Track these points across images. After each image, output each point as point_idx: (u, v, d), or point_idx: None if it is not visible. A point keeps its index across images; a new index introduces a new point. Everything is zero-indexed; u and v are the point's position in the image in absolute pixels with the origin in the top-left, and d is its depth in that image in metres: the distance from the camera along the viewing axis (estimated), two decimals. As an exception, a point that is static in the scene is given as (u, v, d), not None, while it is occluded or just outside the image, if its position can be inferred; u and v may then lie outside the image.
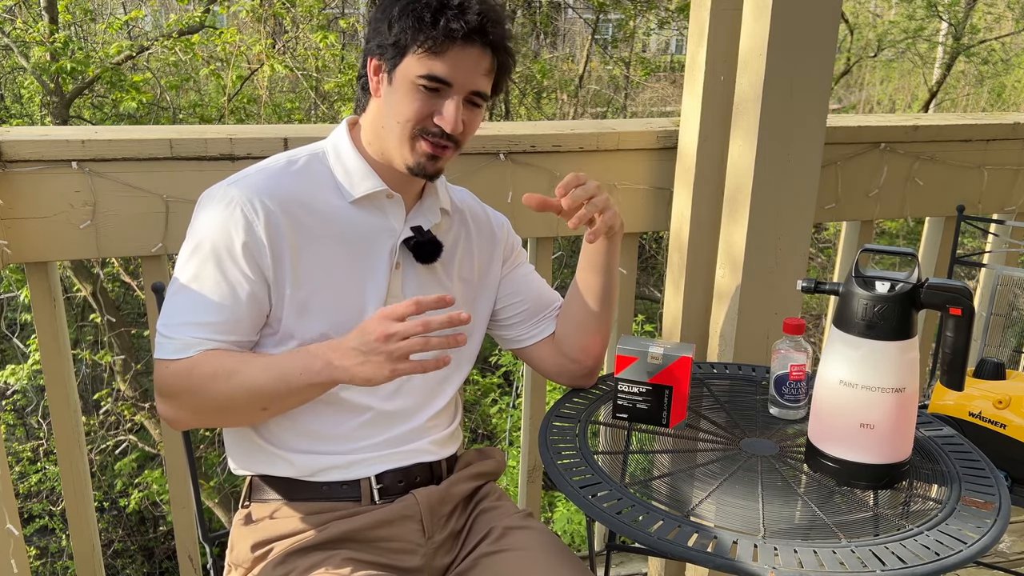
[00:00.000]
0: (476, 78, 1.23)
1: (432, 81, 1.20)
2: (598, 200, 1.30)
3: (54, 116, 6.43)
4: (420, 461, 1.34)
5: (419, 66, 1.20)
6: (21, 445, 6.11)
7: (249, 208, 1.21)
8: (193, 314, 1.20)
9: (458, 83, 1.21)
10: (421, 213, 1.35)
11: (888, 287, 1.18)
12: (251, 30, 7.56)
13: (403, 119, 1.22)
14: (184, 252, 1.24)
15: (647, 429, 1.40)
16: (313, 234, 1.25)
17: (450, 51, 1.19)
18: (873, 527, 1.14)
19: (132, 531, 6.56)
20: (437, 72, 1.20)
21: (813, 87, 1.70)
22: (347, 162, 1.29)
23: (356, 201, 1.28)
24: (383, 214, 1.31)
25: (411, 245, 1.31)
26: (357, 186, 1.28)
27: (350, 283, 1.28)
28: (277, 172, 1.27)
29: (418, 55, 1.19)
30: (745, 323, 1.82)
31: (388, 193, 1.30)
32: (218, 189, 1.24)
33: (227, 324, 1.21)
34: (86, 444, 1.84)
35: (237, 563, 1.31)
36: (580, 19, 10.35)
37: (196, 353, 1.19)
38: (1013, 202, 2.24)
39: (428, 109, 1.22)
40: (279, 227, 1.22)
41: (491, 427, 6.54)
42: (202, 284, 1.21)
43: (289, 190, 1.25)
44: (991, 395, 1.58)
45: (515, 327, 1.48)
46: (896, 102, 13.34)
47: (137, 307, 7.00)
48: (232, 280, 1.21)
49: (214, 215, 1.22)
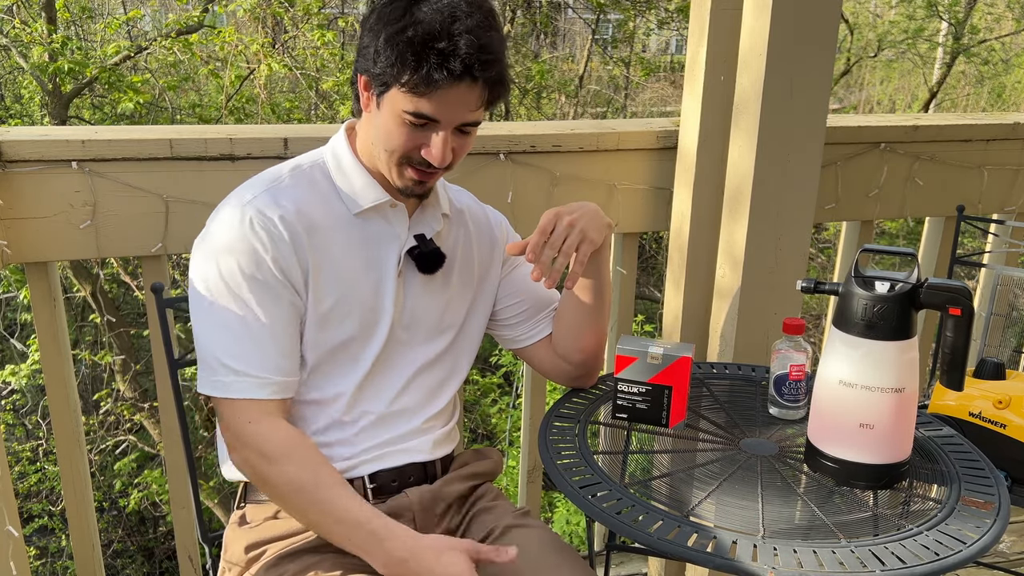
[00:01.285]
0: (465, 113, 1.18)
1: (418, 118, 1.17)
2: (568, 243, 1.27)
3: (53, 116, 6.42)
4: (413, 461, 1.34)
5: (405, 101, 1.16)
6: (20, 445, 6.11)
7: (271, 225, 1.20)
8: (240, 341, 1.19)
9: (446, 119, 1.18)
10: (424, 220, 1.34)
11: (888, 287, 1.18)
12: (250, 29, 7.56)
13: (390, 149, 1.21)
14: (208, 275, 1.20)
15: (647, 429, 1.40)
16: (326, 246, 1.25)
17: (436, 92, 1.14)
18: (873, 527, 1.14)
19: (132, 531, 6.56)
20: (423, 110, 1.16)
21: (813, 87, 1.70)
22: (349, 173, 1.28)
23: (361, 212, 1.28)
24: (388, 222, 1.31)
25: (414, 256, 1.31)
26: (361, 198, 1.27)
27: (366, 293, 1.28)
28: (288, 185, 1.25)
29: (404, 92, 1.15)
30: (745, 323, 1.82)
31: (392, 203, 1.30)
32: (232, 207, 1.22)
33: (276, 344, 1.20)
34: (86, 444, 1.84)
35: (232, 563, 1.31)
36: (580, 19, 10.35)
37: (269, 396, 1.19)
38: (1013, 202, 2.24)
39: (415, 142, 1.19)
40: (300, 243, 1.22)
41: (491, 427, 6.54)
42: (242, 303, 1.19)
43: (301, 203, 1.24)
44: (991, 395, 1.58)
45: (515, 327, 1.48)
46: (896, 102, 13.34)
47: (137, 307, 7.00)
48: (268, 295, 1.20)
49: (234, 235, 1.19)
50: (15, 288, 5.74)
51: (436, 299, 1.36)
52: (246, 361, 1.19)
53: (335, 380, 1.29)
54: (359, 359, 1.29)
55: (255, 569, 1.27)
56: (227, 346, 1.19)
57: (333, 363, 1.28)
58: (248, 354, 1.19)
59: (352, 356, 1.29)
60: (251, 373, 1.19)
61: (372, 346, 1.30)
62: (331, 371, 1.29)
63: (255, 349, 1.19)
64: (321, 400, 1.29)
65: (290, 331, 1.23)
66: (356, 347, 1.29)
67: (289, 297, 1.22)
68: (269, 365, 1.20)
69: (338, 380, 1.29)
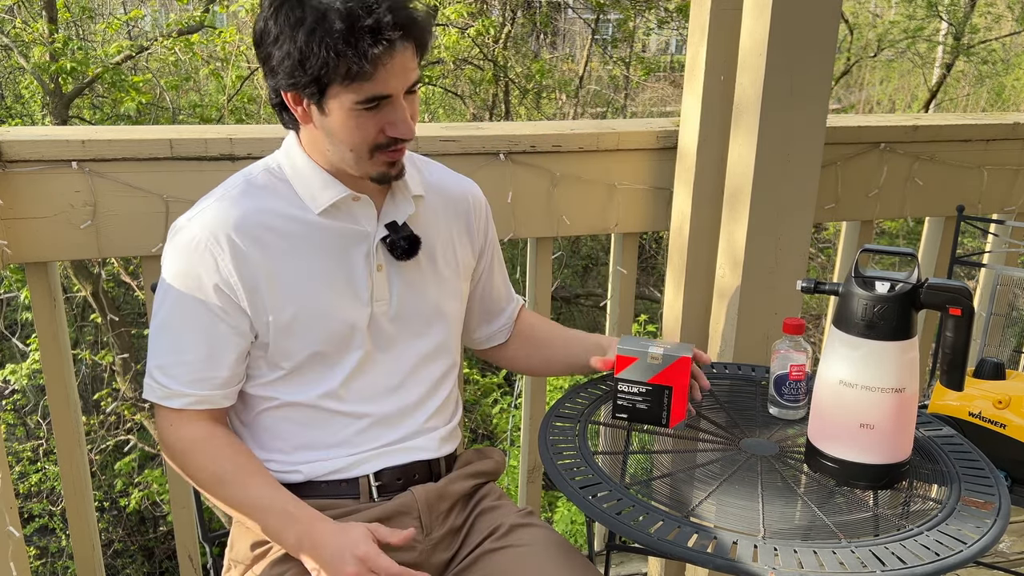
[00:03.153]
0: (410, 75, 1.17)
1: (372, 102, 1.15)
2: None
3: (53, 116, 6.42)
4: (418, 459, 1.34)
5: (352, 94, 1.13)
6: (21, 445, 6.11)
7: (215, 245, 1.20)
8: (175, 353, 1.24)
9: (396, 90, 1.16)
10: (394, 207, 1.30)
11: (888, 287, 1.18)
12: (251, 29, 7.55)
13: (354, 145, 1.19)
14: (160, 288, 1.25)
15: (647, 429, 1.40)
16: (285, 253, 1.24)
17: (379, 70, 1.12)
18: (873, 527, 1.14)
19: (132, 531, 6.55)
20: (375, 92, 1.14)
21: (813, 87, 1.70)
22: (304, 174, 1.26)
23: (323, 212, 1.25)
24: (352, 218, 1.28)
25: (389, 244, 1.28)
26: (319, 197, 1.25)
27: (331, 295, 1.27)
28: (237, 197, 1.24)
29: (345, 85, 1.12)
30: (745, 323, 1.82)
31: (354, 196, 1.27)
32: (182, 227, 1.24)
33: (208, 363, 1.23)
34: (86, 444, 1.84)
35: (237, 561, 1.31)
36: (580, 19, 10.35)
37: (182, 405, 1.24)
38: (1013, 202, 2.24)
39: (376, 127, 1.18)
40: (248, 258, 1.21)
41: (492, 427, 6.53)
42: (182, 318, 1.23)
43: (252, 213, 1.23)
44: (991, 395, 1.58)
45: (477, 329, 1.54)
46: (896, 102, 13.33)
47: (137, 307, 7.00)
48: (208, 314, 1.22)
49: (180, 254, 1.22)
50: (15, 288, 5.74)
51: (424, 286, 1.34)
52: (172, 373, 1.24)
53: (320, 383, 1.28)
54: (340, 362, 1.28)
55: (260, 566, 1.27)
56: (160, 355, 1.25)
57: (311, 369, 1.28)
58: (175, 367, 1.24)
59: (332, 359, 1.28)
60: (172, 387, 1.24)
61: (352, 347, 1.29)
62: (312, 376, 1.28)
63: (183, 364, 1.23)
64: (310, 403, 1.29)
65: (226, 351, 1.24)
66: (333, 350, 1.28)
67: (229, 319, 1.23)
68: (195, 380, 1.23)
69: (323, 383, 1.28)
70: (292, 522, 1.18)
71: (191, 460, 1.24)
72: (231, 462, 1.23)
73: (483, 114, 8.18)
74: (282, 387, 1.28)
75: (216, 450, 1.24)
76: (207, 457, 1.23)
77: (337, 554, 1.13)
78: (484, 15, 7.76)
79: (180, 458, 1.25)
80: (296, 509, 1.19)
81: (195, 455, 1.24)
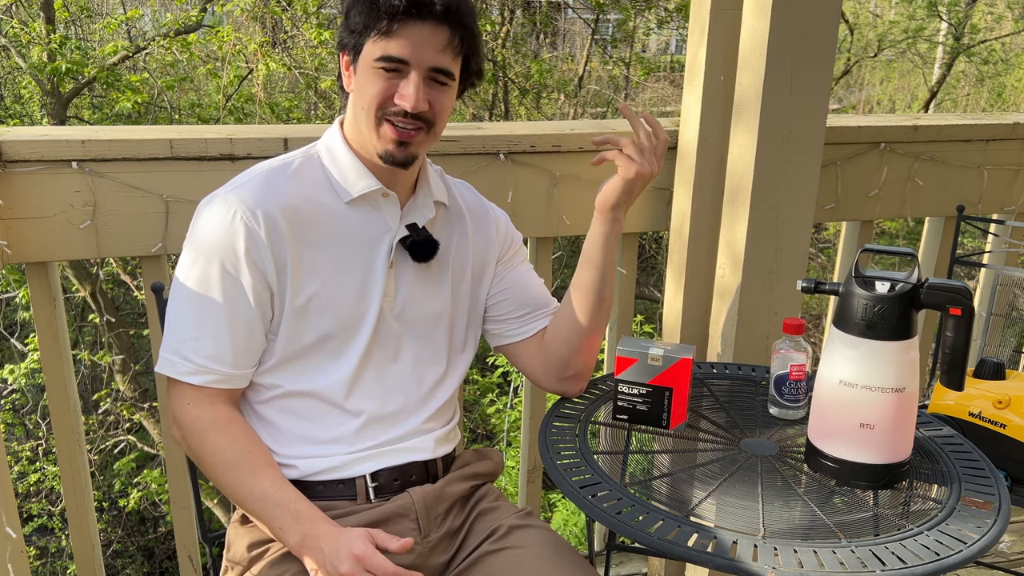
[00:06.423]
0: (433, 54, 1.21)
1: (389, 62, 1.20)
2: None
3: (52, 116, 6.42)
4: (415, 460, 1.34)
5: (375, 49, 1.20)
6: (20, 445, 6.11)
7: (250, 217, 1.21)
8: (199, 327, 1.23)
9: (415, 60, 1.20)
10: (416, 209, 1.34)
11: (888, 287, 1.18)
12: (249, 29, 7.56)
13: (366, 104, 1.23)
14: (185, 261, 1.25)
15: (647, 429, 1.40)
16: (312, 238, 1.26)
17: (402, 30, 1.19)
18: (873, 527, 1.14)
19: (132, 531, 6.56)
20: (392, 52, 1.19)
21: (813, 87, 1.70)
22: (341, 162, 1.29)
23: (352, 201, 1.29)
24: (379, 213, 1.31)
25: (407, 245, 1.31)
26: (353, 186, 1.28)
27: (349, 285, 1.29)
28: (274, 177, 1.27)
29: (373, 39, 1.20)
30: (745, 323, 1.82)
31: (383, 192, 1.30)
32: (217, 197, 1.24)
33: (233, 340, 1.23)
34: (86, 444, 1.84)
35: (234, 562, 1.31)
36: (580, 19, 10.35)
37: (204, 383, 1.23)
38: (1013, 202, 2.24)
39: (389, 90, 1.21)
40: (281, 235, 1.23)
41: (490, 427, 6.54)
42: (209, 291, 1.22)
43: (287, 195, 1.25)
44: (991, 395, 1.58)
45: (503, 323, 1.47)
46: (896, 102, 13.34)
47: (136, 307, 7.00)
48: (236, 288, 1.22)
49: (214, 224, 1.22)
50: (15, 288, 5.74)
51: (431, 290, 1.36)
52: (196, 347, 1.23)
53: (323, 373, 1.29)
54: (345, 351, 1.29)
55: (257, 567, 1.27)
56: (182, 330, 1.24)
57: (318, 356, 1.29)
58: (199, 340, 1.23)
59: (337, 349, 1.29)
60: (196, 361, 1.23)
61: (359, 339, 1.30)
62: (317, 364, 1.29)
63: (208, 338, 1.23)
64: (312, 393, 1.29)
65: (251, 327, 1.25)
66: (340, 339, 1.29)
67: (256, 295, 1.23)
68: (218, 355, 1.23)
69: (326, 373, 1.29)
70: (298, 521, 1.18)
71: (208, 440, 1.23)
72: (248, 450, 1.23)
73: (483, 114, 8.18)
74: (286, 374, 1.29)
75: (235, 435, 1.24)
76: (227, 438, 1.23)
77: (333, 553, 1.13)
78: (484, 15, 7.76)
79: (197, 437, 1.24)
80: (303, 509, 1.19)
81: (214, 435, 1.23)
